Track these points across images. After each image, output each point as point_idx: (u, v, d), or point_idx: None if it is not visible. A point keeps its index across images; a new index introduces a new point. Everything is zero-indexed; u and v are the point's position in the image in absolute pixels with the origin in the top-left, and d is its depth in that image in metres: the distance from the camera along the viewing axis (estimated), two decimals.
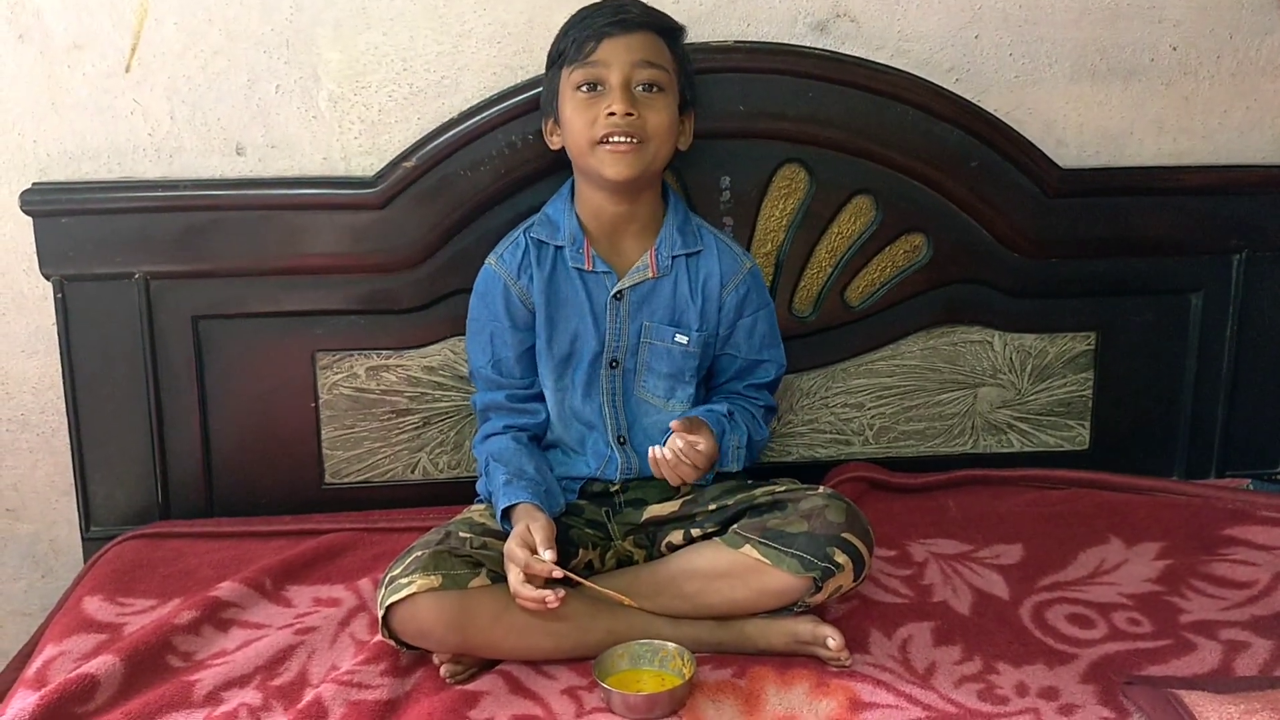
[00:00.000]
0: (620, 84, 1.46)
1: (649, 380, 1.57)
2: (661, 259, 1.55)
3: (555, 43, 1.54)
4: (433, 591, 1.33)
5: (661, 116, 1.49)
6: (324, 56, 1.68)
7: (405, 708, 1.33)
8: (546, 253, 1.55)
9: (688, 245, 1.56)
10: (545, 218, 1.58)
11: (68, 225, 1.65)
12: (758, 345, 1.60)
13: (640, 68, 1.47)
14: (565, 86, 1.50)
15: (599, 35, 1.47)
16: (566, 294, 1.55)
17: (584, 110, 1.48)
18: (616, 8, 1.50)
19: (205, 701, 1.34)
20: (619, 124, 1.45)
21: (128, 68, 1.66)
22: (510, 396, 1.57)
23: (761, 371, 1.62)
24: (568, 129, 1.51)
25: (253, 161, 1.71)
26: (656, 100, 1.49)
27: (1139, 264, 1.86)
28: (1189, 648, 1.43)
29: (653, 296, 1.55)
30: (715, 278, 1.57)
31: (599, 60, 1.47)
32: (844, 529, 1.41)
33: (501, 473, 1.47)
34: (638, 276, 1.55)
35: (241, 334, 1.72)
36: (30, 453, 1.79)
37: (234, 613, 1.50)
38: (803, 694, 1.34)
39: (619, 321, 1.55)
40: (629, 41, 1.47)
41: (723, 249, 1.58)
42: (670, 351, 1.55)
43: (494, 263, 1.57)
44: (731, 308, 1.57)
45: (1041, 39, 1.79)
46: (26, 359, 1.74)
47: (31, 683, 1.37)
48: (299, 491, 1.77)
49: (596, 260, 1.54)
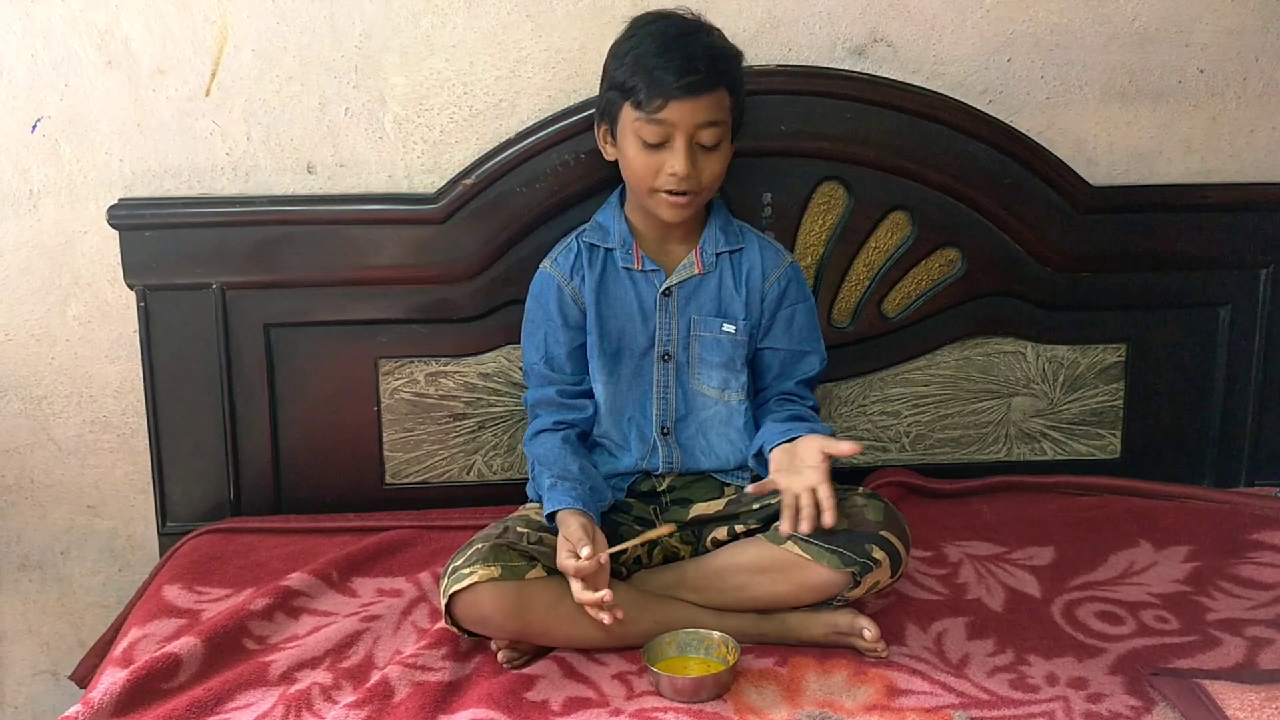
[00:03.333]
0: (684, 145, 1.50)
1: (703, 372, 1.63)
2: (706, 256, 1.63)
3: (617, 65, 1.54)
4: (493, 581, 1.40)
5: (718, 166, 1.55)
6: (390, 81, 1.78)
7: (466, 689, 1.41)
8: (597, 255, 1.63)
9: (730, 243, 1.64)
10: (596, 224, 1.66)
11: (150, 238, 1.76)
12: (798, 337, 1.65)
13: (704, 128, 1.51)
14: (627, 121, 1.53)
15: (666, 95, 1.48)
16: (617, 293, 1.62)
17: (645, 157, 1.53)
18: (686, 63, 1.49)
19: (280, 680, 1.42)
20: (680, 185, 1.52)
21: (208, 92, 1.77)
22: (560, 392, 1.63)
23: (805, 365, 1.66)
24: (627, 165, 1.56)
25: (322, 179, 1.81)
26: (714, 153, 1.54)
27: (1168, 278, 1.91)
28: (1214, 643, 1.49)
29: (699, 291, 1.63)
30: (758, 270, 1.64)
31: (665, 120, 1.49)
32: (882, 527, 1.47)
33: (547, 476, 1.53)
34: (685, 273, 1.62)
35: (310, 341, 1.81)
36: (110, 453, 1.89)
37: (304, 601, 1.59)
38: (841, 681, 1.41)
39: (669, 317, 1.62)
40: (696, 105, 1.49)
41: (764, 244, 1.66)
42: (720, 342, 1.62)
43: (548, 266, 1.65)
44: (773, 299, 1.64)
45: (1072, 62, 1.86)
46: (109, 364, 1.85)
47: (119, 661, 1.46)
48: (361, 491, 1.86)
49: (645, 260, 1.62)
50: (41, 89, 1.75)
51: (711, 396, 1.64)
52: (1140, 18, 1.85)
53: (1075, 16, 1.84)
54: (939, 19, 1.82)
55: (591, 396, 1.64)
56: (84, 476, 1.90)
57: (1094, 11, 1.84)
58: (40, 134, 1.77)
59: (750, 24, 1.79)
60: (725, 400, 1.64)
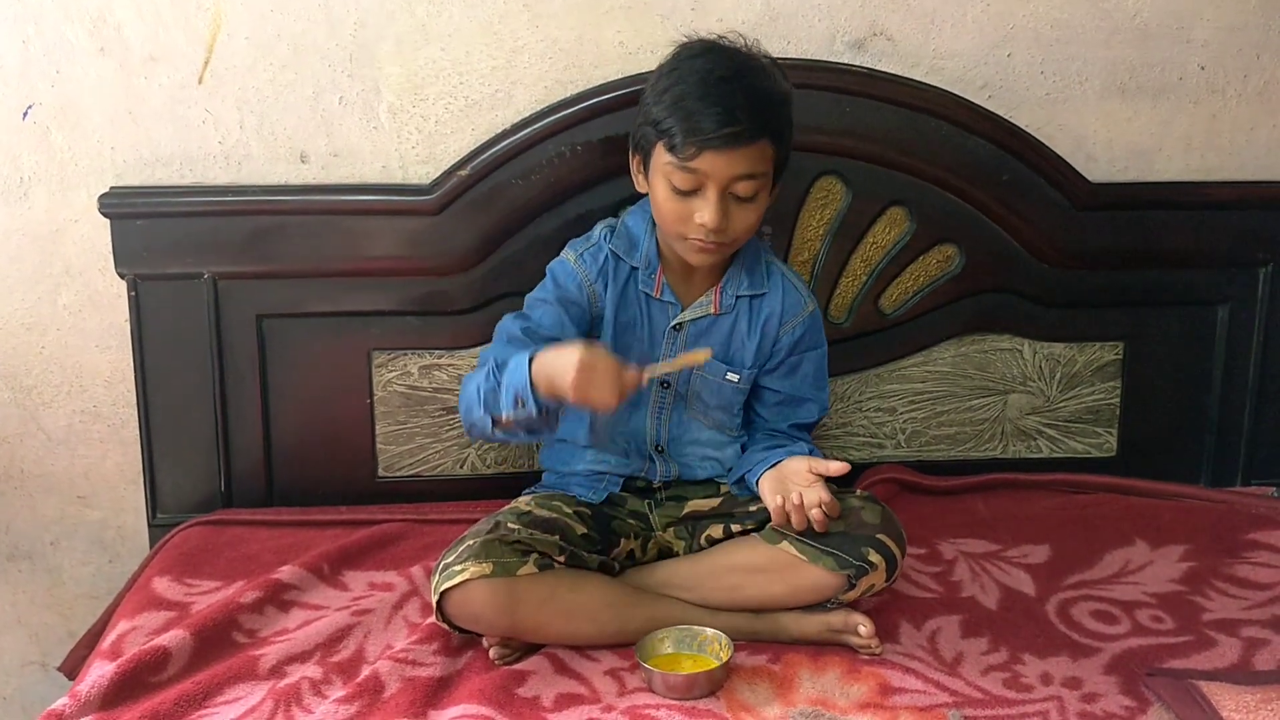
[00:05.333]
0: (716, 198, 1.43)
1: (699, 407, 1.61)
2: (725, 298, 1.57)
3: (655, 100, 1.45)
4: (484, 578, 1.39)
5: (751, 217, 1.47)
6: (385, 70, 1.77)
7: (457, 685, 1.40)
8: (623, 269, 1.57)
9: (754, 287, 1.58)
10: (625, 230, 1.58)
11: (142, 227, 1.74)
12: (800, 384, 1.61)
13: (740, 181, 1.43)
14: (659, 162, 1.46)
15: (701, 144, 1.40)
16: (633, 313, 1.57)
17: (675, 202, 1.46)
18: (728, 114, 1.39)
19: (270, 674, 1.41)
20: (708, 236, 1.45)
21: (200, 80, 1.76)
22: (526, 330, 1.51)
23: (803, 411, 1.62)
24: (656, 206, 1.50)
25: (316, 169, 1.80)
26: (750, 204, 1.46)
27: (1166, 276, 1.90)
28: (1210, 643, 1.48)
29: (711, 332, 1.58)
30: (776, 317, 1.58)
31: (698, 169, 1.42)
32: (878, 530, 1.47)
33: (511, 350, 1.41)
34: (699, 311, 1.57)
35: (302, 333, 1.80)
36: (101, 443, 1.88)
37: (294, 594, 1.58)
38: (835, 679, 1.40)
39: (674, 350, 1.57)
40: (732, 158, 1.41)
41: (788, 289, 1.60)
42: (721, 387, 1.59)
43: (572, 259, 1.58)
44: (786, 345, 1.59)
45: (1072, 58, 1.85)
46: (100, 353, 1.84)
47: (107, 654, 1.45)
48: (354, 483, 1.85)
49: (665, 289, 1.57)
50: (33, 76, 1.73)
51: (705, 425, 1.63)
52: (1141, 13, 1.84)
53: (1076, 12, 1.83)
54: (939, 13, 1.81)
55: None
56: (74, 467, 1.89)
57: (1095, 7, 1.83)
58: (31, 121, 1.75)
59: (749, 16, 1.77)
60: (719, 431, 1.63)
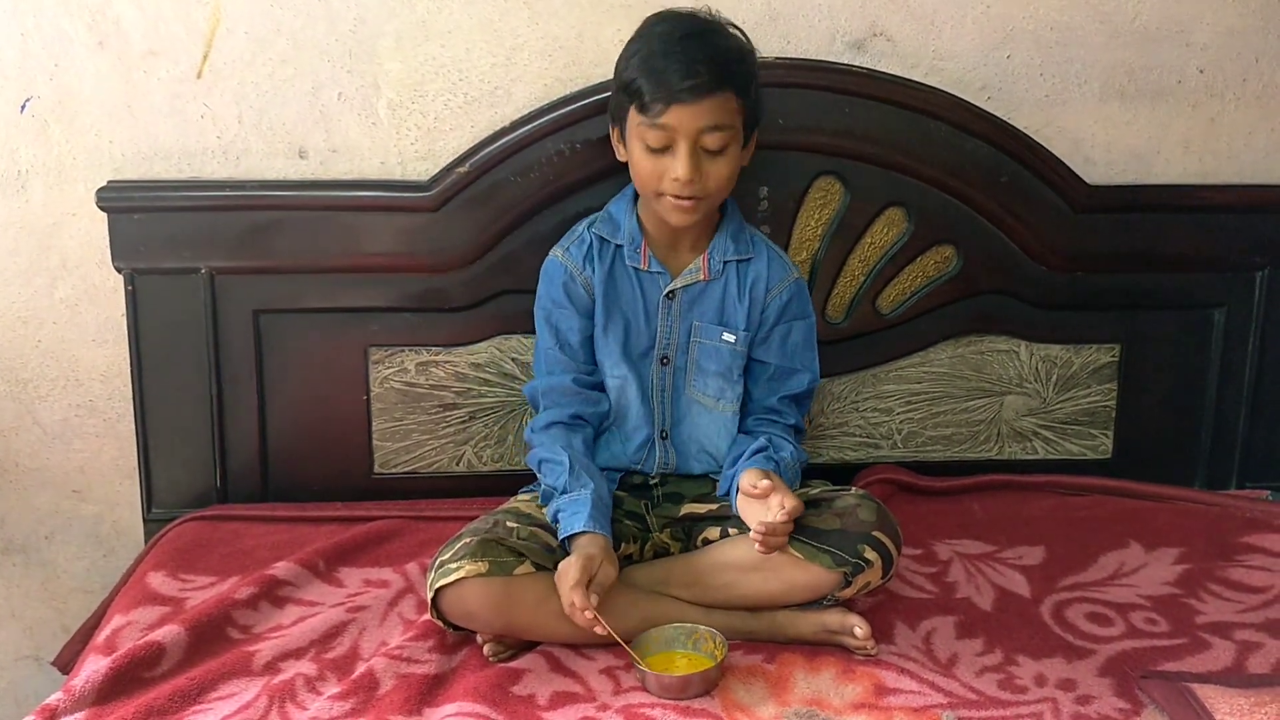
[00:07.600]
0: (687, 150, 1.47)
1: (700, 379, 1.62)
2: (713, 263, 1.61)
3: (625, 66, 1.51)
4: (479, 577, 1.40)
5: (724, 170, 1.51)
6: (384, 67, 1.77)
7: (451, 682, 1.40)
8: (607, 249, 1.62)
9: (739, 251, 1.62)
10: (608, 215, 1.64)
11: (139, 221, 1.74)
12: (790, 353, 1.64)
13: (708, 133, 1.47)
14: (632, 125, 1.51)
15: (668, 99, 1.45)
16: (623, 289, 1.61)
17: (650, 161, 1.50)
18: (688, 66, 1.45)
19: (264, 670, 1.41)
20: (683, 190, 1.50)
21: (199, 74, 1.76)
22: (577, 380, 1.60)
23: (794, 382, 1.64)
24: (634, 168, 1.55)
25: (314, 164, 1.79)
26: (721, 157, 1.50)
27: (1163, 279, 1.91)
28: (1203, 646, 1.48)
29: (703, 298, 1.62)
30: (763, 282, 1.62)
31: (666, 124, 1.47)
32: (874, 527, 1.47)
33: (565, 477, 1.51)
34: (690, 278, 1.61)
35: (299, 328, 1.80)
36: (96, 437, 1.87)
37: (289, 590, 1.58)
38: (830, 679, 1.41)
39: (670, 319, 1.61)
40: (698, 110, 1.46)
41: (773, 256, 1.64)
42: (719, 350, 1.61)
43: (560, 254, 1.63)
44: (774, 312, 1.62)
45: (1071, 60, 1.85)
46: (96, 348, 1.83)
47: (102, 649, 1.45)
48: (350, 480, 1.85)
49: (652, 260, 1.61)
50: (31, 69, 1.73)
51: (706, 405, 1.63)
52: (1141, 16, 1.84)
53: (1076, 14, 1.83)
54: (939, 14, 1.81)
55: (604, 390, 1.62)
56: (69, 461, 1.89)
57: (1095, 9, 1.83)
58: (29, 114, 1.75)
59: (749, 16, 1.77)
60: (720, 410, 1.63)
